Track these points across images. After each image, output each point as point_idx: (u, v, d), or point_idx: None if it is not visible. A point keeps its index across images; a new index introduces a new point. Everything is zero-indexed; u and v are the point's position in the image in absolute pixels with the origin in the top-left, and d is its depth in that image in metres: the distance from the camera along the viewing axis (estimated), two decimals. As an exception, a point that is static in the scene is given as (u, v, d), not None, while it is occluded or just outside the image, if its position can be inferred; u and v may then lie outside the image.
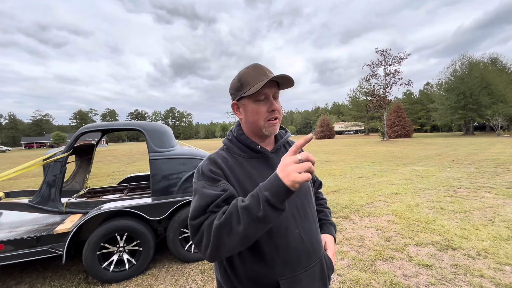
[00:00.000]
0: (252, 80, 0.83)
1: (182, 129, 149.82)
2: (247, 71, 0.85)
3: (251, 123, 0.87)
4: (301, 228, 0.86)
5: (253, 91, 0.80)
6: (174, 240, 2.82)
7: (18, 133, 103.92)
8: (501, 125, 31.45)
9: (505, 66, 45.98)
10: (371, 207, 4.63)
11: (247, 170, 0.85)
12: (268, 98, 0.85)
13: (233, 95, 0.89)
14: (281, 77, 0.82)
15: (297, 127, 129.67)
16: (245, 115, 0.87)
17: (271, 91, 0.84)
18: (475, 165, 8.66)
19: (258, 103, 0.84)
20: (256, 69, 0.85)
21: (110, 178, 9.30)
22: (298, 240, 0.84)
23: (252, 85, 0.82)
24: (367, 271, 2.59)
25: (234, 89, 0.88)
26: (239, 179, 0.83)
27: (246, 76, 0.84)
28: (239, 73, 0.87)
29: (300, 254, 0.83)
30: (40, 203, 2.92)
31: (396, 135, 39.12)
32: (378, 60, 35.41)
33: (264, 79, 0.81)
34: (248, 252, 0.80)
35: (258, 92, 0.81)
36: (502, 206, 4.34)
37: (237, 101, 0.88)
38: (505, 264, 2.58)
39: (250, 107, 0.85)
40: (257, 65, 0.86)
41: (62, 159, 3.02)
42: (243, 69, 0.88)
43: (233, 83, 0.89)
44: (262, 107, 0.84)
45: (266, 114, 0.84)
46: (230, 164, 0.85)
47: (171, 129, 3.62)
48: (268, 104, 0.85)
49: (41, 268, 2.90)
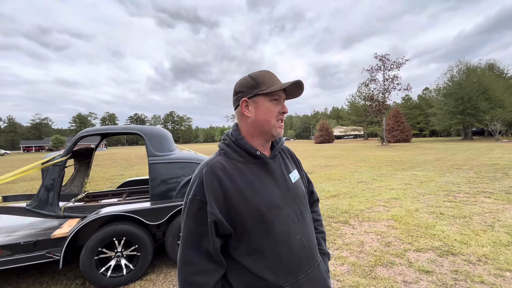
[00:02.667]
0: (268, 81, 0.86)
1: (181, 133, 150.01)
2: (261, 73, 0.89)
3: (262, 121, 0.87)
4: (302, 234, 0.87)
5: (273, 90, 0.84)
6: (172, 245, 2.79)
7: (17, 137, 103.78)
8: (500, 130, 31.54)
9: (502, 71, 46.37)
10: (370, 212, 4.62)
11: (247, 176, 0.84)
12: (280, 100, 0.88)
13: (243, 93, 0.88)
14: (296, 83, 0.86)
15: (297, 131, 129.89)
16: (256, 113, 0.86)
17: (283, 95, 0.89)
18: (474, 170, 8.67)
19: (272, 102, 0.87)
20: (270, 74, 0.90)
21: (109, 182, 9.26)
22: (299, 246, 0.85)
23: (269, 85, 0.85)
24: (367, 277, 2.57)
25: (247, 87, 0.87)
26: (239, 187, 0.82)
27: (262, 77, 0.87)
28: (252, 74, 0.90)
29: (302, 259, 0.85)
30: (38, 207, 2.90)
31: (395, 139, 39.23)
32: (377, 65, 35.76)
33: (277, 83, 0.86)
34: (253, 262, 0.80)
35: (275, 92, 0.85)
36: (501, 211, 4.33)
37: (248, 98, 0.87)
38: (505, 270, 2.56)
39: (264, 105, 0.86)
40: (269, 71, 0.91)
41: (60, 163, 3.01)
42: (255, 71, 0.91)
43: (245, 81, 0.88)
44: (275, 107, 0.87)
45: (277, 115, 0.88)
46: (229, 172, 0.83)
47: (170, 133, 3.62)
48: (280, 105, 0.88)
49: (38, 273, 2.86)
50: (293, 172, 0.97)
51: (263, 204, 0.81)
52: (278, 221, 0.82)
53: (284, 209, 0.85)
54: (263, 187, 0.84)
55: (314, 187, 1.16)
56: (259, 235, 0.80)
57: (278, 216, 0.83)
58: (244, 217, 0.80)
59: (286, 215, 0.85)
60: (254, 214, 0.80)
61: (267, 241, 0.81)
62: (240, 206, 0.80)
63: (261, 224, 0.80)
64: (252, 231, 0.80)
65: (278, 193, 0.86)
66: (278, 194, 0.86)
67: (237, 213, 0.80)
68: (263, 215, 0.80)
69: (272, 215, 0.82)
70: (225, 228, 0.80)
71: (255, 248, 0.81)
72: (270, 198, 0.83)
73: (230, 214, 0.80)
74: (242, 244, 0.82)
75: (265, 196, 0.83)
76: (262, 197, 0.82)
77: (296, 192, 0.92)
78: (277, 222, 0.82)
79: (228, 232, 0.81)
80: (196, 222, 0.80)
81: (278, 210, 0.83)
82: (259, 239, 0.80)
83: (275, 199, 0.84)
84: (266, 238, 0.81)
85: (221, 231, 0.80)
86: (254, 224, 0.80)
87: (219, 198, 0.79)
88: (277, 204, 0.84)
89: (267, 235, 0.81)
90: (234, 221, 0.80)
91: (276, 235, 0.81)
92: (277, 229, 0.81)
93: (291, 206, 0.87)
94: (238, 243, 0.82)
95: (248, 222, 0.80)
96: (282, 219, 0.83)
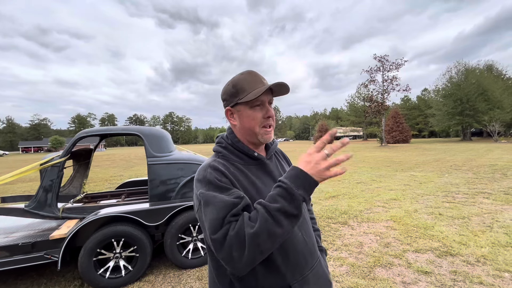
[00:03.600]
0: (248, 86, 0.82)
1: (181, 133, 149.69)
2: (242, 78, 0.85)
3: (247, 129, 0.86)
4: (303, 231, 0.89)
5: (251, 98, 0.80)
6: (171, 246, 2.79)
7: (16, 137, 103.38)
8: (498, 131, 31.60)
9: (500, 73, 46.52)
10: (369, 213, 4.62)
11: (249, 176, 0.85)
12: (264, 104, 0.85)
13: (226, 101, 0.88)
14: (277, 84, 0.82)
15: (296, 132, 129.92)
16: (240, 121, 0.86)
17: (267, 97, 0.85)
18: (473, 171, 8.69)
19: (254, 109, 0.84)
20: (251, 76, 0.85)
21: (108, 183, 9.24)
22: (302, 243, 0.86)
23: (249, 91, 0.82)
24: (366, 278, 2.57)
25: (229, 95, 0.86)
26: (244, 186, 0.82)
27: (242, 82, 0.84)
28: (233, 79, 0.86)
29: (306, 255, 0.86)
30: (36, 208, 2.89)
31: (394, 140, 39.26)
32: (376, 66, 35.88)
33: (260, 86, 0.82)
34: (260, 264, 0.78)
35: (255, 99, 0.81)
36: (500, 212, 4.34)
37: (231, 107, 0.87)
38: (504, 271, 2.57)
39: (246, 113, 0.84)
40: (252, 72, 0.86)
41: (59, 163, 3.00)
42: (237, 75, 0.87)
43: (227, 89, 0.87)
44: (258, 113, 0.84)
45: (261, 120, 0.85)
46: (233, 172, 0.83)
47: (169, 134, 3.62)
48: (264, 110, 0.85)
49: (36, 274, 2.85)
50: None
51: None
52: None
53: None
54: (265, 186, 0.85)
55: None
56: None
57: None
58: None
59: None
60: None
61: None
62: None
63: None
64: None
65: None
66: None
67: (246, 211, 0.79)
68: None
69: None
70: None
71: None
72: None
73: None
74: None
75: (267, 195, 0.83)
76: (265, 196, 0.82)
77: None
78: None
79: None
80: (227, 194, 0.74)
81: None
82: None
83: None
84: None
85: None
86: None
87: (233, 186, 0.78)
88: None
89: None
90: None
91: None
92: None
93: None
94: None
95: None
96: None
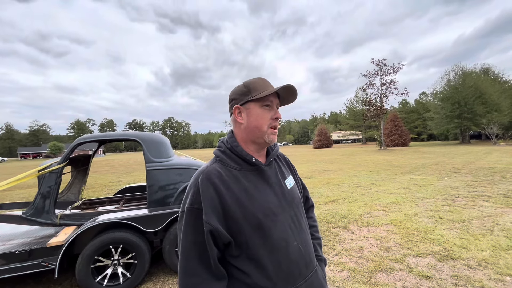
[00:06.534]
0: (260, 87, 0.87)
1: (180, 138, 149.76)
2: (254, 80, 0.90)
3: (254, 128, 0.87)
4: (299, 240, 0.87)
5: (263, 95, 0.85)
6: (170, 252, 2.76)
7: (15, 143, 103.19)
8: (497, 133, 31.73)
9: (497, 76, 46.92)
10: (369, 217, 4.60)
11: (243, 183, 0.84)
12: (272, 106, 0.89)
13: (236, 100, 0.90)
14: (287, 88, 0.86)
15: (295, 136, 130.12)
16: (248, 119, 0.88)
17: (276, 101, 0.90)
18: (473, 174, 8.69)
19: (264, 108, 0.87)
20: (262, 81, 0.91)
21: (107, 189, 9.19)
22: (297, 253, 0.85)
23: (260, 91, 0.86)
24: (366, 283, 2.54)
25: (239, 94, 0.89)
26: (235, 194, 0.82)
27: (254, 84, 0.89)
28: (246, 81, 0.92)
29: (300, 266, 0.85)
30: (34, 215, 2.87)
31: (393, 144, 39.32)
32: (374, 70, 36.20)
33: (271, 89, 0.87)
34: (252, 271, 0.79)
35: (266, 98, 0.86)
36: (500, 215, 4.33)
37: (241, 105, 0.89)
38: (505, 274, 2.55)
39: (255, 111, 0.87)
40: (262, 78, 0.93)
41: (57, 170, 2.99)
42: (249, 79, 0.93)
43: (238, 89, 0.91)
44: (267, 113, 0.88)
45: (270, 121, 0.88)
46: (225, 179, 0.83)
47: (168, 139, 3.62)
48: (272, 111, 0.89)
49: (33, 282, 2.81)
50: (289, 178, 0.98)
51: (259, 211, 0.81)
52: (275, 228, 0.82)
53: (280, 215, 0.85)
54: (260, 194, 0.84)
55: (309, 193, 1.16)
56: (256, 242, 0.80)
57: (275, 223, 0.82)
58: (241, 225, 0.79)
59: (283, 222, 0.85)
60: (251, 222, 0.80)
61: (265, 248, 0.80)
62: (237, 214, 0.79)
63: (259, 231, 0.80)
64: (250, 239, 0.80)
65: (274, 199, 0.86)
66: (274, 200, 0.86)
67: (234, 221, 0.79)
68: (260, 222, 0.80)
69: (269, 222, 0.81)
70: (223, 236, 0.79)
71: (253, 256, 0.80)
72: (266, 204, 0.83)
73: (227, 222, 0.79)
74: (241, 252, 0.81)
75: (261, 203, 0.83)
76: (259, 204, 0.82)
77: (292, 198, 0.92)
78: (274, 229, 0.82)
79: (227, 240, 0.80)
80: (196, 231, 0.78)
81: (275, 217, 0.83)
82: (257, 246, 0.80)
83: (271, 206, 0.84)
84: (263, 245, 0.80)
85: (219, 240, 0.79)
86: (251, 231, 0.80)
87: (216, 206, 0.79)
88: (273, 211, 0.84)
89: (265, 242, 0.80)
90: (232, 229, 0.80)
91: (273, 242, 0.81)
92: (274, 236, 0.81)
93: (287, 213, 0.87)
94: (236, 251, 0.81)
95: (246, 229, 0.79)
96: (279, 225, 0.83)
